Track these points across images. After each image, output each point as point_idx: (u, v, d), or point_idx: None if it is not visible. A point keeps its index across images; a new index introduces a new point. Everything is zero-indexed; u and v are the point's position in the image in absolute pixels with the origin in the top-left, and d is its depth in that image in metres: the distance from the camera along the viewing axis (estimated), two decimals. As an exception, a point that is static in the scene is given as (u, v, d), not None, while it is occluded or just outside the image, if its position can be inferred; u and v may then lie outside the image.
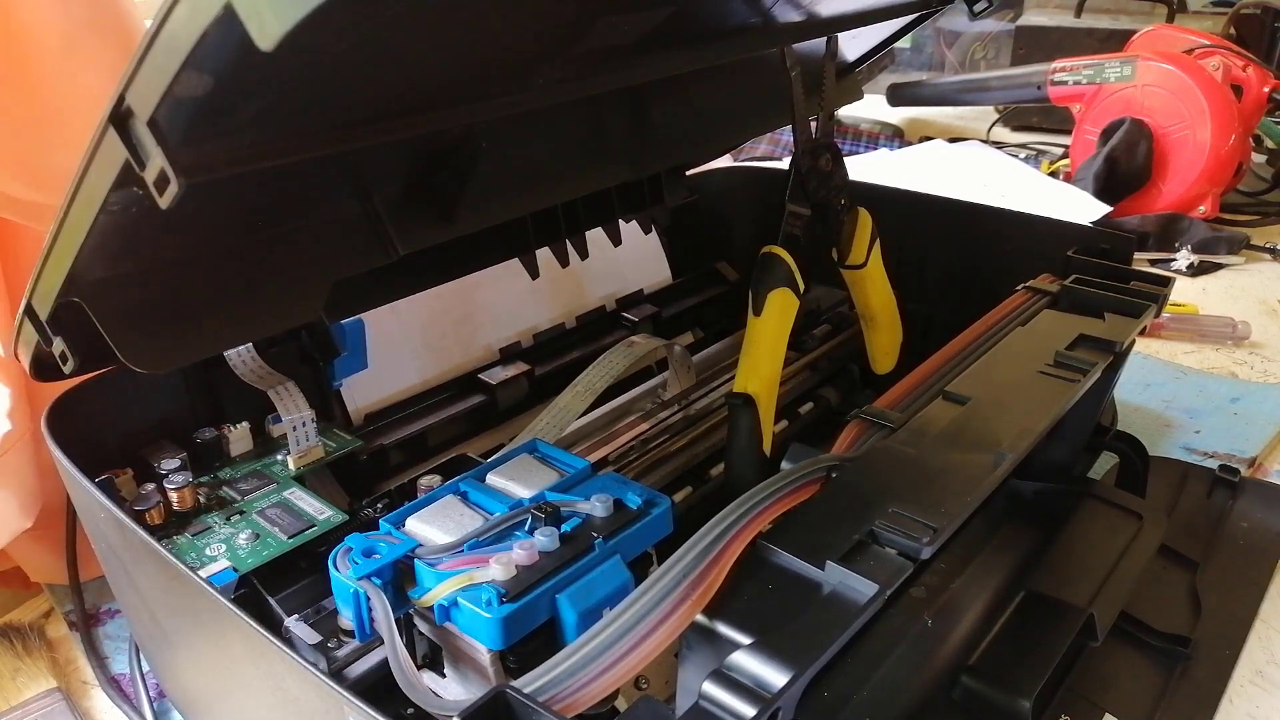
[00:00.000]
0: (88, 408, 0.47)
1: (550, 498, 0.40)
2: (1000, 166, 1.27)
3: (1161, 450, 0.70)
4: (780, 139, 1.32)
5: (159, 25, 0.24)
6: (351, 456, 0.52)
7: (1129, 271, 0.57)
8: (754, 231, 0.66)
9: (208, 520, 0.45)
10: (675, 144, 0.59)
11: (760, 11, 0.48)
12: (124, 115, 0.26)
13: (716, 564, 0.32)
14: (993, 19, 1.72)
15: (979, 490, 0.37)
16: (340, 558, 0.37)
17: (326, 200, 0.42)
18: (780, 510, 0.35)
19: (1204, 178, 1.13)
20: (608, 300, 0.71)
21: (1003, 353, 0.49)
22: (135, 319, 0.37)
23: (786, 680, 0.28)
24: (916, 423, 0.42)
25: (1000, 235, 0.68)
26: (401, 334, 0.59)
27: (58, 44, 0.48)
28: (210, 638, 0.38)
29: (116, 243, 0.34)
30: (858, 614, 0.31)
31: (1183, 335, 0.91)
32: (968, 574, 0.49)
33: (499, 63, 0.38)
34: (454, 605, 0.36)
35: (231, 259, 0.40)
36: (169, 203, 0.27)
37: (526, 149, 0.49)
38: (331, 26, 0.26)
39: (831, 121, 0.57)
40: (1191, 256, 1.06)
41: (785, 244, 0.53)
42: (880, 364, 0.63)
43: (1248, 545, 0.59)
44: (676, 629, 0.30)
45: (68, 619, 0.58)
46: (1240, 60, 1.19)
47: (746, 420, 0.52)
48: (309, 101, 0.32)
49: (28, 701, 0.51)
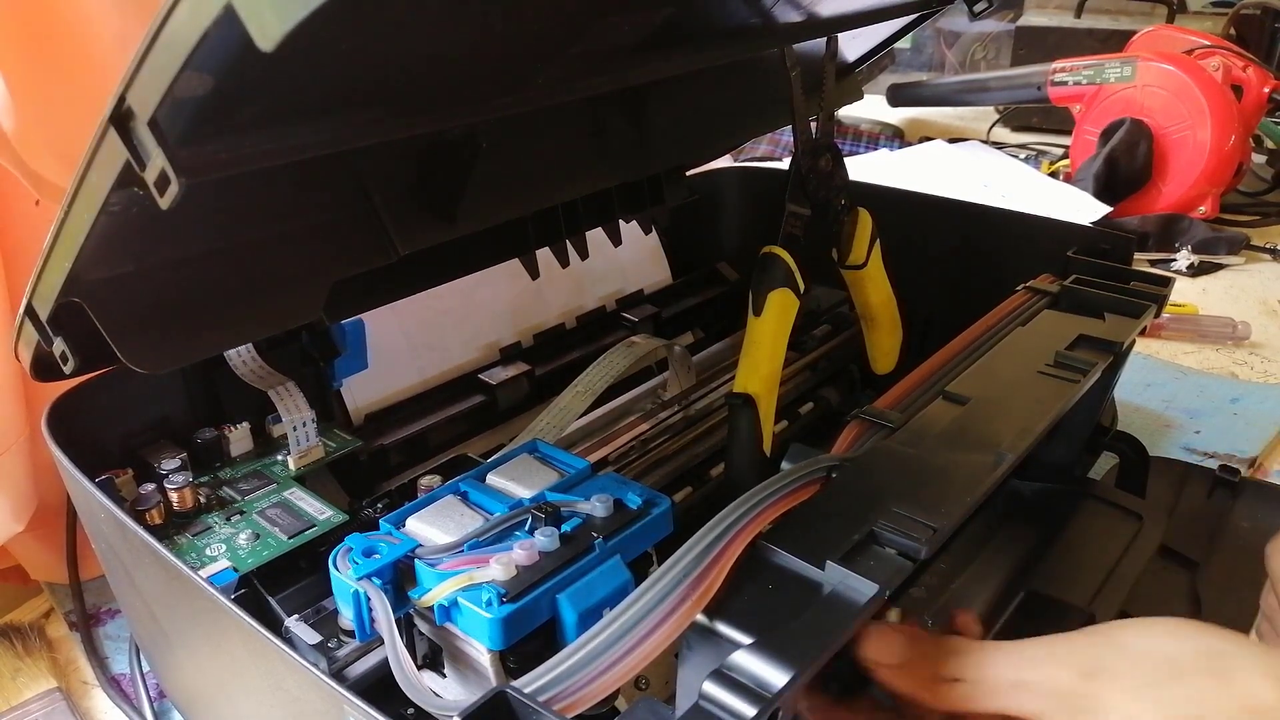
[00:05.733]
0: (88, 408, 0.47)
1: (550, 498, 0.40)
2: (1000, 166, 1.27)
3: (1161, 450, 0.70)
4: (780, 139, 1.32)
5: (159, 25, 0.24)
6: (351, 456, 0.52)
7: (1129, 272, 0.57)
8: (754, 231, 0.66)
9: (208, 520, 0.45)
10: (675, 144, 0.59)
11: (760, 12, 0.48)
12: (124, 115, 0.26)
13: (716, 564, 0.32)
14: (993, 19, 1.72)
15: (979, 490, 0.37)
16: (340, 558, 0.37)
17: (326, 200, 0.42)
18: (780, 510, 0.35)
19: (1204, 178, 1.13)
20: (608, 300, 0.71)
21: (1003, 353, 0.49)
22: (135, 319, 0.37)
23: (786, 680, 0.28)
24: (916, 423, 0.42)
25: (1000, 235, 0.68)
26: (401, 334, 0.59)
27: (112, 37, 0.49)
28: (210, 638, 0.38)
29: (117, 243, 0.34)
30: (858, 614, 0.31)
31: (1183, 335, 0.91)
32: (968, 574, 0.49)
33: (499, 63, 0.37)
34: (454, 605, 0.36)
35: (231, 259, 0.40)
36: (169, 203, 0.27)
37: (526, 149, 0.49)
38: (332, 27, 0.26)
39: (831, 122, 0.57)
40: (1191, 257, 1.06)
41: (785, 244, 0.53)
42: (880, 364, 0.62)
43: (1248, 545, 0.58)
44: (676, 629, 0.30)
45: (68, 619, 0.58)
46: (1240, 60, 1.19)
47: (746, 420, 0.52)
48: (309, 101, 0.32)
49: (28, 701, 0.51)
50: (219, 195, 0.37)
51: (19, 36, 0.48)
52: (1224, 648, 0.33)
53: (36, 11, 0.48)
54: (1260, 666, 0.32)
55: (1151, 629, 0.34)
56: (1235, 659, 0.32)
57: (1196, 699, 0.32)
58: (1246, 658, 0.33)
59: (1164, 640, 0.33)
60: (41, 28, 0.48)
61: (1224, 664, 0.32)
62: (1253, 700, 0.31)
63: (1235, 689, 0.32)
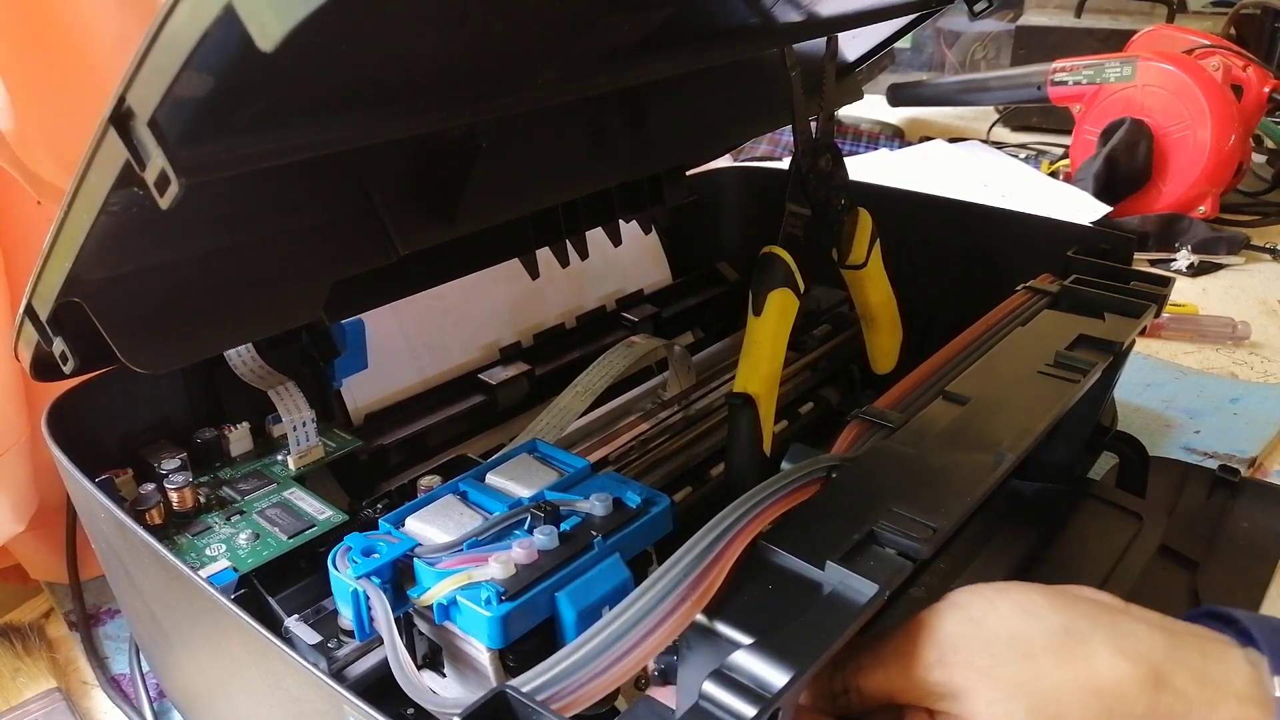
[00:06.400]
0: (88, 408, 0.47)
1: (549, 497, 0.40)
2: (1000, 166, 1.27)
3: (1161, 450, 0.70)
4: (780, 139, 1.32)
5: (159, 25, 0.24)
6: (351, 456, 0.52)
7: (1129, 272, 0.57)
8: (754, 231, 0.66)
9: (208, 520, 0.45)
10: (675, 144, 0.59)
11: (760, 12, 0.48)
12: (124, 115, 0.26)
13: (716, 564, 0.32)
14: (993, 19, 1.72)
15: (979, 490, 0.37)
16: (340, 557, 0.37)
17: (326, 200, 0.42)
18: (780, 510, 0.35)
19: (1204, 178, 1.13)
20: (608, 300, 0.71)
21: (1003, 353, 0.49)
22: (135, 319, 0.37)
23: (786, 680, 0.28)
24: (916, 423, 0.42)
25: (1000, 235, 0.68)
26: (401, 334, 0.59)
27: (112, 38, 0.49)
28: (210, 638, 0.38)
29: (117, 243, 0.34)
30: (858, 614, 0.31)
31: (1183, 335, 0.90)
32: (968, 574, 0.49)
33: (499, 63, 0.37)
34: (453, 604, 0.36)
35: (231, 259, 0.40)
36: (169, 203, 0.27)
37: (526, 149, 0.49)
38: (332, 27, 0.26)
39: (831, 122, 0.57)
40: (1191, 256, 1.06)
41: (785, 244, 0.53)
42: (880, 364, 0.62)
43: (1248, 545, 0.58)
44: (676, 629, 0.30)
45: (68, 619, 0.58)
46: (1240, 60, 1.19)
47: (746, 420, 0.52)
48: (309, 101, 0.32)
49: (28, 701, 0.51)
50: (219, 195, 0.37)
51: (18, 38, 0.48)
52: (1075, 622, 0.33)
53: (35, 13, 0.48)
54: (1111, 642, 0.32)
55: (1001, 603, 0.33)
56: (1085, 634, 0.32)
57: (1044, 678, 0.31)
58: (1099, 632, 0.32)
59: (1015, 619, 0.33)
60: (41, 29, 0.48)
61: (1072, 641, 0.32)
62: (1096, 680, 0.31)
63: (1079, 667, 0.31)
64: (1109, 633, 0.32)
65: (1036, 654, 0.32)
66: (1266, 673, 0.32)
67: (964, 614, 0.33)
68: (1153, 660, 0.32)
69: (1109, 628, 0.33)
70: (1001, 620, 0.33)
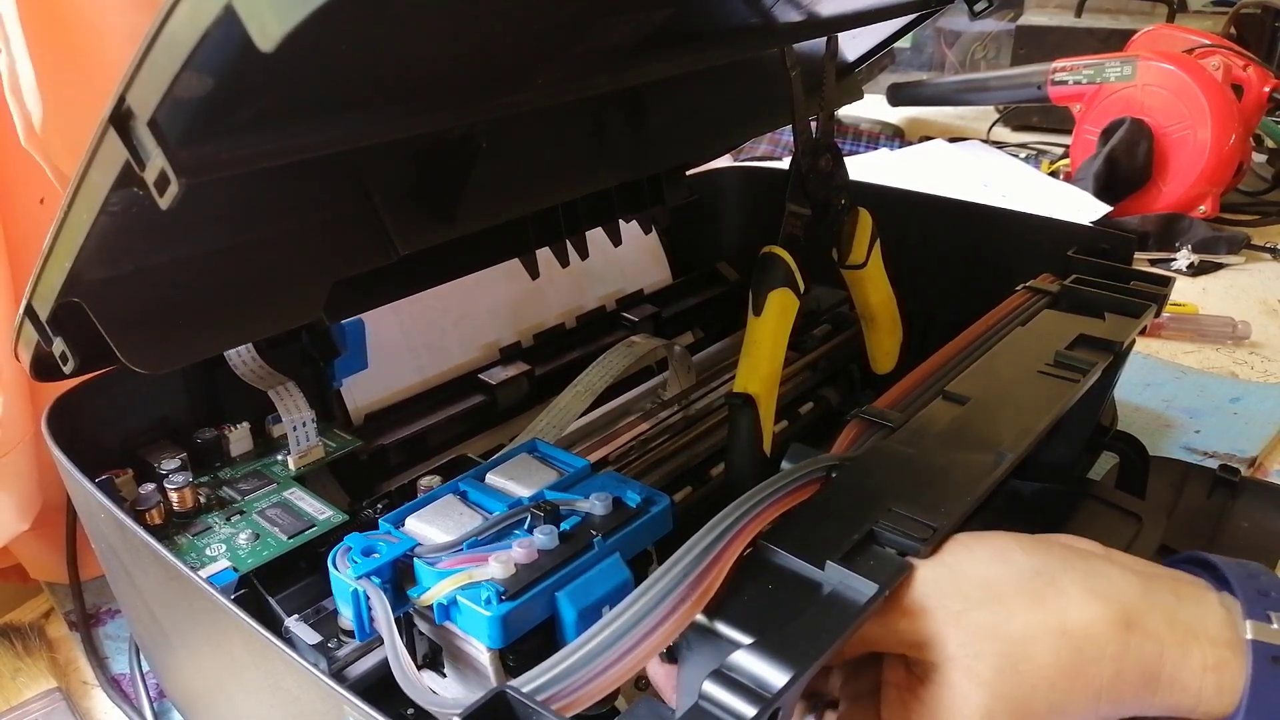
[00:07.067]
0: (88, 408, 0.47)
1: (549, 496, 0.40)
2: (1000, 166, 1.27)
3: (1161, 450, 0.70)
4: (780, 139, 1.32)
5: (159, 25, 0.24)
6: (351, 456, 0.52)
7: (1129, 271, 0.57)
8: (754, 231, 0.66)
9: (208, 520, 0.45)
10: (675, 144, 0.59)
11: (760, 11, 0.48)
12: (124, 115, 0.26)
13: (716, 564, 0.32)
14: (993, 19, 1.72)
15: (979, 490, 0.37)
16: (340, 557, 0.37)
17: (326, 200, 0.42)
18: (780, 510, 0.35)
19: (1204, 178, 1.13)
20: (608, 300, 0.71)
21: (1003, 353, 0.49)
22: (135, 319, 0.37)
23: (786, 680, 0.28)
24: (916, 423, 0.42)
25: (1000, 235, 0.68)
26: (401, 334, 0.59)
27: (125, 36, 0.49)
28: (210, 638, 0.38)
29: (117, 243, 0.34)
30: (858, 614, 0.31)
31: (1183, 335, 0.90)
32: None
33: (499, 63, 0.38)
34: (453, 604, 0.36)
35: (231, 259, 0.40)
36: (169, 203, 0.27)
37: (526, 149, 0.49)
38: (332, 27, 0.26)
39: (831, 121, 0.57)
40: (1191, 256, 1.06)
41: (785, 244, 0.53)
42: (880, 364, 0.62)
43: (1248, 545, 0.58)
44: (676, 629, 0.30)
45: (68, 619, 0.58)
46: (1240, 60, 1.19)
47: (746, 420, 0.52)
48: (309, 101, 0.32)
49: (28, 701, 0.51)
50: (218, 195, 0.37)
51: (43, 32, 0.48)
52: (1047, 565, 0.32)
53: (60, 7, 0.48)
54: (1082, 584, 0.32)
55: (978, 548, 0.33)
56: (1056, 577, 0.32)
57: (1013, 621, 0.31)
58: (1070, 573, 0.32)
59: (988, 564, 0.33)
60: (63, 24, 0.48)
61: (1042, 583, 0.32)
62: (1066, 621, 0.31)
63: (1049, 608, 0.31)
64: (1081, 575, 0.32)
65: (1007, 597, 0.32)
66: (1239, 616, 0.32)
67: (939, 560, 0.33)
68: (1125, 602, 0.31)
69: (1082, 570, 0.32)
70: (976, 565, 0.33)
